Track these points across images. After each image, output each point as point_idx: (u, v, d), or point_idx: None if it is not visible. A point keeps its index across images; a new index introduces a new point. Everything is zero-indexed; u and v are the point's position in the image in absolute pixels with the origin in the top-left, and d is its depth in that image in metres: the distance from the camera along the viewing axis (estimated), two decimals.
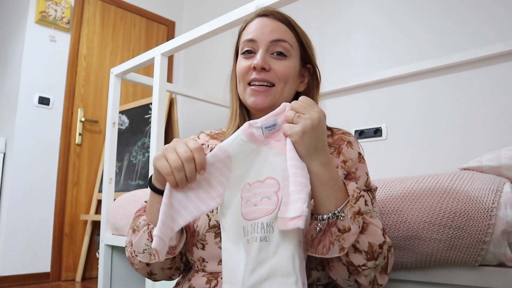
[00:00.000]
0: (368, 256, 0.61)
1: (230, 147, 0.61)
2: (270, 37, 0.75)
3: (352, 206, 0.60)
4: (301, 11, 2.54)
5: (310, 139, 0.59)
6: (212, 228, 0.71)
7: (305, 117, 0.60)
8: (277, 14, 0.78)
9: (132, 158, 2.86)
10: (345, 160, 0.73)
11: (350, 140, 0.77)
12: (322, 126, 0.61)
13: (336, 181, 0.62)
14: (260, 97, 0.74)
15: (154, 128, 1.65)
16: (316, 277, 0.69)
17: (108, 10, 3.19)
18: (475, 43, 1.81)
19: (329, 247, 0.59)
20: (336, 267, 0.64)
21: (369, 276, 0.62)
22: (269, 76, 0.74)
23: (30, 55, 2.70)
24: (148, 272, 0.76)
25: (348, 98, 2.27)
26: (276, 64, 0.74)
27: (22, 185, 2.59)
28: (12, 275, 2.49)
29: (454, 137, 1.84)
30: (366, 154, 0.81)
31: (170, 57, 3.44)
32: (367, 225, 0.61)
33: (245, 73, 0.76)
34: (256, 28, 0.76)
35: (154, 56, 1.69)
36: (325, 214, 0.61)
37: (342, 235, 0.59)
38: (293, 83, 0.78)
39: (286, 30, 0.77)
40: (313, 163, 0.60)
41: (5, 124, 2.75)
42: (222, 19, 1.39)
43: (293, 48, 0.77)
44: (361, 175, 0.73)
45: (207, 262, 0.72)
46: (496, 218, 0.77)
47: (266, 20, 0.77)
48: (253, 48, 0.76)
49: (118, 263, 1.92)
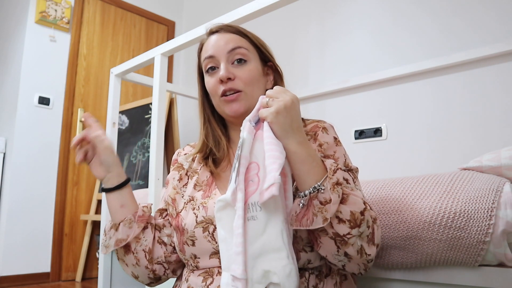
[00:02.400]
0: (351, 224, 0.63)
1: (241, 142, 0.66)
2: (227, 48, 0.80)
3: (330, 178, 0.64)
4: (301, 7, 2.54)
5: (284, 119, 0.64)
6: (199, 224, 0.75)
7: (278, 100, 0.66)
8: (226, 27, 0.84)
9: (132, 158, 2.86)
10: (321, 144, 0.78)
11: (325, 126, 0.82)
12: (295, 107, 0.66)
13: (314, 158, 0.66)
14: (234, 104, 0.79)
15: (154, 128, 1.65)
16: (306, 259, 0.71)
17: (108, 10, 3.19)
18: (479, 41, 1.80)
19: (313, 218, 0.62)
20: (324, 243, 0.66)
21: (356, 244, 0.64)
22: (236, 84, 0.79)
23: (30, 55, 2.70)
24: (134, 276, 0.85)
25: (348, 98, 2.26)
26: (239, 71, 0.79)
27: (22, 185, 2.59)
28: (12, 275, 2.49)
29: (455, 137, 1.84)
30: (366, 154, 0.81)
31: (170, 57, 3.44)
32: (348, 196, 0.64)
33: (215, 88, 0.80)
34: (211, 45, 0.82)
35: (154, 56, 1.69)
36: (306, 190, 0.64)
37: (324, 206, 0.62)
38: (259, 83, 0.82)
39: (238, 38, 0.82)
40: (289, 142, 0.65)
41: (5, 124, 2.75)
42: (222, 19, 1.39)
43: (250, 52, 0.82)
44: (339, 156, 0.77)
45: (199, 258, 0.75)
46: (496, 218, 0.77)
47: (218, 36, 0.83)
48: (214, 63, 0.81)
49: (118, 263, 1.91)
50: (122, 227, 0.80)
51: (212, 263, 0.73)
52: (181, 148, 0.95)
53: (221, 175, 0.83)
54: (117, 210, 0.82)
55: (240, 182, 0.63)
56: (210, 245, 0.73)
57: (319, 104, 2.35)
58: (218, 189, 0.80)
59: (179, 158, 0.91)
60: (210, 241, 0.73)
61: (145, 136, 2.83)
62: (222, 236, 0.65)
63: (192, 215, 0.77)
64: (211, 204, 0.75)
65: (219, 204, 0.65)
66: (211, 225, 0.73)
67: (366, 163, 2.01)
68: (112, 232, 0.81)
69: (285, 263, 0.59)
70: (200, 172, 0.85)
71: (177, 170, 0.89)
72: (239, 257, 0.59)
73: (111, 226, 0.82)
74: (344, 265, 0.69)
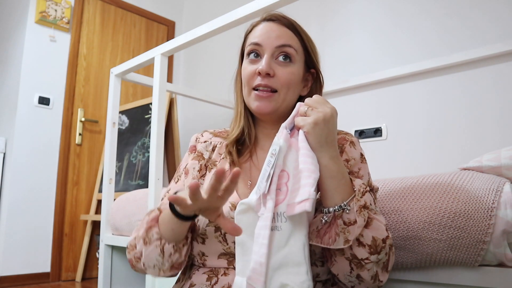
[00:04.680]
0: (371, 250, 0.62)
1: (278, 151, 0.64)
2: (276, 43, 0.76)
3: (358, 200, 0.62)
4: (301, 7, 2.54)
5: (321, 131, 0.63)
6: (212, 222, 0.71)
7: (317, 110, 0.64)
8: (283, 19, 0.79)
9: (132, 158, 2.86)
10: (348, 159, 0.75)
11: (353, 140, 0.79)
12: (333, 121, 0.64)
13: (344, 175, 0.64)
14: (263, 102, 0.75)
15: (154, 128, 1.65)
16: (315, 273, 0.70)
17: (108, 10, 3.19)
18: (477, 42, 1.81)
19: (335, 238, 0.61)
20: (339, 262, 0.65)
21: (372, 270, 0.64)
22: (273, 82, 0.75)
23: (30, 55, 2.70)
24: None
25: (348, 98, 2.26)
26: (280, 70, 0.75)
27: (22, 185, 2.59)
28: (12, 275, 2.49)
29: (455, 137, 1.84)
30: (366, 154, 0.82)
31: (170, 57, 3.44)
32: (371, 220, 0.63)
33: (250, 77, 0.77)
34: (262, 32, 0.78)
35: (154, 56, 1.69)
36: (331, 207, 0.62)
37: (347, 227, 0.61)
38: (296, 88, 0.79)
39: (291, 35, 0.78)
40: (322, 155, 0.63)
41: (5, 124, 2.75)
42: (222, 19, 1.39)
43: (297, 53, 0.78)
44: (363, 175, 0.75)
45: (207, 256, 0.73)
46: (496, 218, 0.77)
47: (272, 25, 0.78)
48: (258, 51, 0.77)
49: (118, 263, 1.92)
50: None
51: (220, 264, 0.71)
52: (199, 134, 0.89)
53: (241, 167, 0.79)
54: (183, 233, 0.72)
55: (272, 192, 0.61)
56: (221, 246, 0.71)
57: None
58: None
59: (198, 146, 0.85)
60: (222, 242, 0.71)
61: (145, 136, 2.83)
62: (240, 240, 0.63)
63: None
64: (226, 204, 0.72)
65: (241, 207, 0.63)
66: None
67: None
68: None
69: (304, 279, 0.58)
70: (219, 165, 0.80)
71: (197, 160, 0.83)
72: (262, 268, 0.57)
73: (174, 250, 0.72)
74: (354, 286, 0.68)
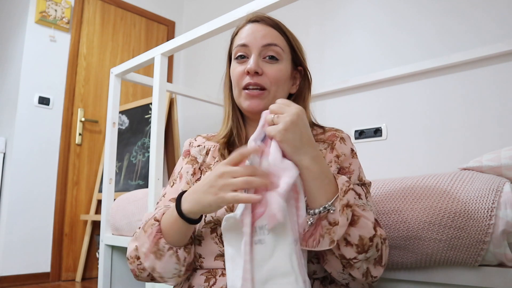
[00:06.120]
0: (358, 249, 0.62)
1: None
2: (262, 42, 0.77)
3: (340, 199, 0.62)
4: (301, 7, 2.54)
5: (294, 135, 0.61)
6: (207, 224, 0.73)
7: (284, 115, 0.62)
8: (267, 19, 0.81)
9: (132, 158, 2.86)
10: (338, 155, 0.77)
11: (343, 136, 0.81)
12: (302, 121, 0.63)
13: (327, 175, 0.64)
14: (254, 101, 0.77)
15: (154, 128, 1.65)
16: (312, 270, 0.70)
17: (108, 10, 3.19)
18: (477, 42, 1.81)
19: (319, 240, 0.61)
20: (330, 260, 0.65)
21: (361, 268, 0.64)
22: (262, 80, 0.76)
23: (30, 55, 2.70)
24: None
25: (348, 98, 2.26)
26: (268, 68, 0.77)
27: (22, 185, 2.59)
28: (12, 275, 2.49)
29: (455, 137, 1.84)
30: (366, 154, 0.82)
31: (170, 57, 3.44)
32: (358, 218, 0.63)
33: (239, 78, 0.78)
34: (248, 33, 0.79)
35: (154, 56, 1.69)
36: (317, 208, 0.62)
37: (332, 228, 0.60)
38: (285, 85, 0.80)
39: (277, 34, 0.79)
40: (302, 158, 0.62)
41: (5, 124, 2.75)
42: (222, 19, 1.39)
43: (284, 52, 0.79)
44: (354, 169, 0.76)
45: (204, 258, 0.73)
46: (496, 218, 0.77)
47: (257, 26, 0.80)
48: (245, 53, 0.79)
49: (118, 263, 1.92)
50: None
51: (217, 265, 0.72)
52: (193, 138, 0.90)
53: None
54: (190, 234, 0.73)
55: (248, 206, 0.60)
56: (217, 247, 0.71)
57: (319, 104, 2.35)
58: None
59: (191, 150, 0.87)
60: (218, 243, 0.71)
61: (145, 136, 2.83)
62: (229, 255, 0.62)
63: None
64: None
65: (227, 222, 0.62)
66: (219, 227, 0.71)
67: (366, 163, 2.00)
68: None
69: None
70: (213, 168, 0.80)
71: (191, 164, 0.84)
72: (248, 284, 0.57)
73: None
74: (348, 283, 0.69)
